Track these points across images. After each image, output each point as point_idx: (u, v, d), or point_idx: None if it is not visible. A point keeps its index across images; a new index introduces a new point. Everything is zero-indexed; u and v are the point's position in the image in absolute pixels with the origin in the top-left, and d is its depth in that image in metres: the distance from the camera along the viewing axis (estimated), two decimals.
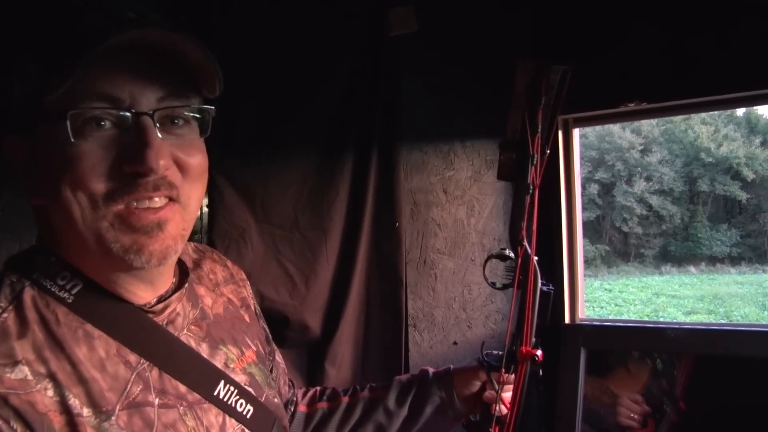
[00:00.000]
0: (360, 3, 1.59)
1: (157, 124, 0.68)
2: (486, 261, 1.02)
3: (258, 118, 1.58)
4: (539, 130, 0.93)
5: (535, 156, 0.94)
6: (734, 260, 17.28)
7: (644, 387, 1.41)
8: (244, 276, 1.01)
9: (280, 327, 1.54)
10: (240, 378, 0.83)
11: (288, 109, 1.59)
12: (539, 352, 0.94)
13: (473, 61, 1.57)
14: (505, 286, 0.99)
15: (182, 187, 0.71)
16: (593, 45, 1.45)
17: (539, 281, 0.96)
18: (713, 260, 17.30)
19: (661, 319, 11.14)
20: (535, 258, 0.97)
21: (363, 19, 1.59)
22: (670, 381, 1.39)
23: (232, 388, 0.80)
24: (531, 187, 0.95)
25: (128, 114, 0.67)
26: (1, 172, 0.78)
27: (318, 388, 1.13)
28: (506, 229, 1.01)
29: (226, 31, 1.54)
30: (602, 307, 12.38)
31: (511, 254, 0.99)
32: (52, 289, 0.71)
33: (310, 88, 1.60)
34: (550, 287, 0.98)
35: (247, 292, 1.00)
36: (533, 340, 0.95)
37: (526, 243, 0.96)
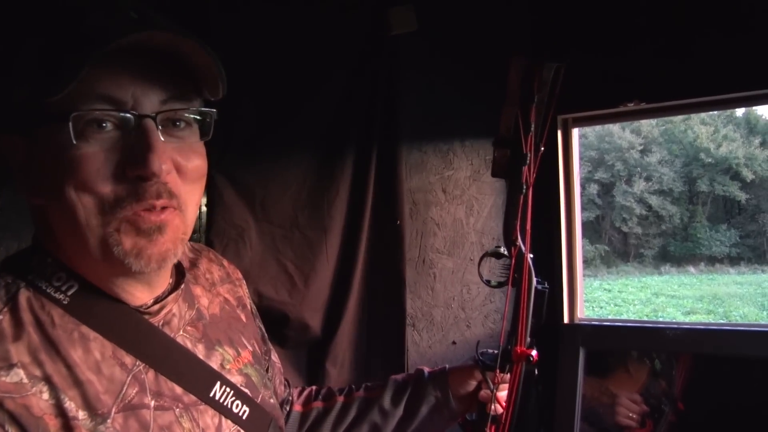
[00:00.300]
0: (359, 2, 1.59)
1: (159, 127, 0.68)
2: (481, 259, 1.02)
3: (258, 118, 1.58)
4: (532, 128, 0.93)
5: (529, 155, 0.93)
6: (733, 260, 17.30)
7: (642, 387, 1.41)
8: (240, 275, 1.01)
9: (279, 326, 1.54)
10: (236, 379, 0.83)
11: (288, 109, 1.59)
12: (534, 352, 0.93)
13: (473, 60, 1.56)
14: (499, 284, 0.99)
15: (180, 194, 0.71)
16: (593, 44, 1.45)
17: (534, 280, 0.95)
18: (712, 260, 17.32)
19: (661, 319, 11.15)
20: (530, 256, 0.96)
21: (362, 18, 1.59)
22: (668, 381, 1.39)
23: (228, 389, 0.80)
24: (525, 186, 0.94)
25: (131, 116, 0.67)
26: (0, 170, 0.78)
27: (314, 387, 1.13)
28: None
29: (226, 31, 1.54)
30: (602, 307, 12.39)
31: (506, 252, 0.98)
32: (48, 291, 0.70)
33: (310, 87, 1.60)
34: (545, 286, 0.97)
35: (243, 291, 0.99)
36: (528, 339, 0.94)
37: (520, 242, 0.96)
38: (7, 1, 0.78)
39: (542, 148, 0.96)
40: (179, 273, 0.83)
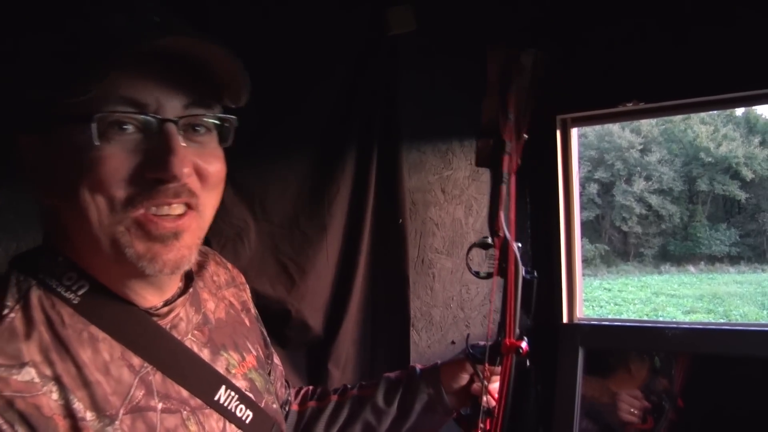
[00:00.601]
0: (358, 2, 1.59)
1: (181, 131, 0.68)
2: (468, 250, 1.00)
3: (257, 117, 1.58)
4: (511, 117, 0.91)
5: (509, 143, 0.92)
6: (733, 259, 17.33)
7: (643, 384, 1.41)
8: (243, 279, 1.01)
9: (279, 326, 1.54)
10: (240, 383, 0.83)
11: (287, 108, 1.59)
12: (524, 344, 0.92)
13: (472, 60, 1.56)
14: (488, 275, 0.97)
15: (200, 195, 0.71)
16: (592, 43, 1.45)
17: (521, 269, 0.93)
18: (712, 259, 17.35)
19: (661, 319, 11.16)
20: (517, 245, 0.94)
21: (361, 17, 1.59)
22: (668, 379, 1.39)
23: (232, 394, 0.80)
24: (507, 175, 0.92)
25: (153, 119, 0.67)
26: None
27: (311, 387, 1.13)
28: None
29: (224, 29, 1.53)
30: (602, 306, 12.41)
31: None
32: (58, 290, 0.70)
33: (309, 86, 1.59)
34: (534, 275, 0.95)
35: (247, 295, 1.00)
36: (518, 331, 0.92)
37: (505, 232, 0.94)
38: (25, 1, 0.78)
39: (525, 136, 0.94)
40: (188, 276, 0.83)
